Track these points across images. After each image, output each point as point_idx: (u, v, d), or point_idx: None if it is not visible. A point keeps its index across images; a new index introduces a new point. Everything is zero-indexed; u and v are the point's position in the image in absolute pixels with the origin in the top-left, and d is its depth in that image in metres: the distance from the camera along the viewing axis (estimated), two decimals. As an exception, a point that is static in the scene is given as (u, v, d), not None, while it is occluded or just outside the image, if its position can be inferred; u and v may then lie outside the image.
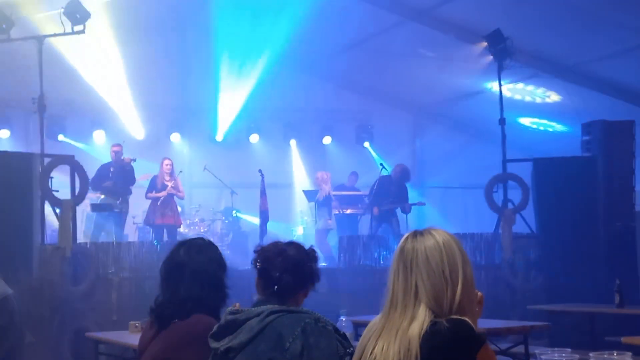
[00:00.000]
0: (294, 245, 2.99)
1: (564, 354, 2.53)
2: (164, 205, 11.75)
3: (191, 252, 3.29)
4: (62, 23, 9.84)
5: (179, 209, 12.35)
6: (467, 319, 2.24)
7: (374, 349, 2.31)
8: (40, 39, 9.95)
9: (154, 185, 11.89)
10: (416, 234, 2.36)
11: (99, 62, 13.26)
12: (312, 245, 3.04)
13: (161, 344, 3.22)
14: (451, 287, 2.26)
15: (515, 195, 10.77)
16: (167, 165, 12.00)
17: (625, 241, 9.78)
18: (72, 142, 13.84)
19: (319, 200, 12.79)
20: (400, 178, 12.39)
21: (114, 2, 12.15)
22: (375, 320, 2.39)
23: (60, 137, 13.72)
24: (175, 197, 11.99)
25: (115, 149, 11.77)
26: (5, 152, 10.41)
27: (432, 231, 2.35)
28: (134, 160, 11.81)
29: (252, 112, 14.79)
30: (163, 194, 11.73)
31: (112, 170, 11.60)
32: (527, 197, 10.49)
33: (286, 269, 2.88)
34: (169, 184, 11.81)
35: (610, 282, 7.78)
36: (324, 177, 12.91)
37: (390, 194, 12.25)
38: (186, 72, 14.57)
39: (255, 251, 2.99)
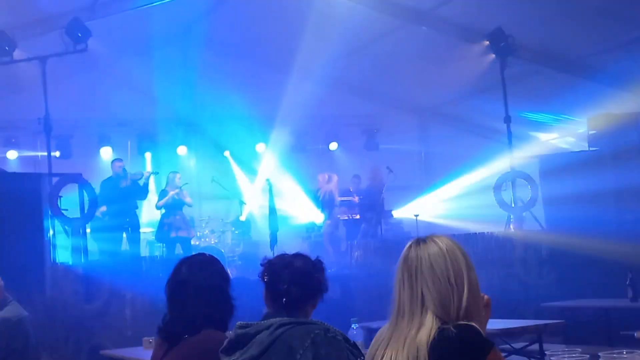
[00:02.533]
0: (301, 257, 2.98)
1: (574, 354, 2.52)
2: (177, 220, 11.73)
3: (193, 268, 3.28)
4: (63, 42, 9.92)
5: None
6: (474, 324, 2.24)
7: (382, 358, 2.31)
8: (43, 59, 10.00)
9: (164, 198, 11.88)
10: (419, 241, 2.36)
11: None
12: (318, 256, 3.04)
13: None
14: (457, 293, 2.26)
15: (523, 192, 10.75)
16: (179, 178, 11.95)
17: (636, 233, 9.74)
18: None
19: (323, 200, 12.87)
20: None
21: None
22: (383, 329, 2.39)
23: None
24: (184, 208, 11.96)
25: (120, 164, 11.56)
26: (14, 173, 10.48)
27: (434, 238, 2.35)
28: (157, 173, 11.69)
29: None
30: (171, 194, 11.67)
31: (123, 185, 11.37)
32: (535, 194, 10.47)
33: (293, 281, 2.88)
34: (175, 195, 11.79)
35: (623, 275, 7.74)
36: (325, 177, 13.03)
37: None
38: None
39: (262, 264, 2.98)
